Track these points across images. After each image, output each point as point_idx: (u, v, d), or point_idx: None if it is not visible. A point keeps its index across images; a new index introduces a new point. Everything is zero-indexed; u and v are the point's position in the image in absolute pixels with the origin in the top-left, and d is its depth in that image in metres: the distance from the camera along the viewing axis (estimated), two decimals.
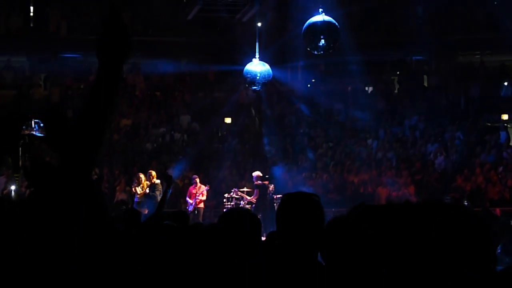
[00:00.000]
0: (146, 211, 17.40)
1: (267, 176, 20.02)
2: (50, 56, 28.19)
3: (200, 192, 19.64)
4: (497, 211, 19.40)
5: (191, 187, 20.02)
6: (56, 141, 2.84)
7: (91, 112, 2.73)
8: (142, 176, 18.77)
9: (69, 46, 27.88)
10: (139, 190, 18.43)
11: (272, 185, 19.90)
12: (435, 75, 29.54)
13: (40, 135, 21.73)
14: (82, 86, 27.31)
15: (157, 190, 18.05)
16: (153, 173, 18.70)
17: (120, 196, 21.65)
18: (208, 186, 20.16)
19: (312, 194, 3.50)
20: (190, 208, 19.36)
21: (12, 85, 27.57)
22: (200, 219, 19.09)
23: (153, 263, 4.19)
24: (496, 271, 2.38)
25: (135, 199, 18.53)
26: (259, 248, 4.08)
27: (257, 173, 19.87)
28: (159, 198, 18.06)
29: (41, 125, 20.92)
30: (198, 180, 20.00)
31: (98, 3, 26.38)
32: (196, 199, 19.50)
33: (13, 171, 22.83)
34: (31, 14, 28.87)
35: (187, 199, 19.82)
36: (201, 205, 19.65)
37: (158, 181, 18.24)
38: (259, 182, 19.64)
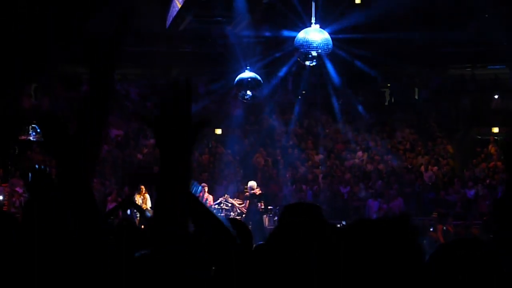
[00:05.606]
0: None
1: (256, 188, 19.68)
2: (43, 65, 28.09)
3: (208, 201, 19.52)
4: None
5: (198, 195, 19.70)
6: (52, 147, 2.81)
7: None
8: (142, 187, 18.89)
9: (59, 57, 27.78)
10: (139, 199, 18.46)
11: (261, 203, 19.49)
12: (426, 87, 29.58)
13: (35, 140, 21.70)
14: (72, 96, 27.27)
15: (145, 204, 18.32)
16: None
17: (112, 206, 21.54)
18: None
19: (313, 205, 3.45)
20: None
21: (2, 94, 27.43)
22: None
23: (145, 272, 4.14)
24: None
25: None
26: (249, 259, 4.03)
27: (250, 184, 19.68)
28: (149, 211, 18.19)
29: (38, 130, 20.92)
30: (206, 189, 19.70)
31: (89, 14, 26.34)
32: None
33: (1, 181, 22.78)
34: None
35: None
36: None
37: (147, 196, 18.42)
38: (249, 192, 19.49)
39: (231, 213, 19.72)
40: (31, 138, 21.77)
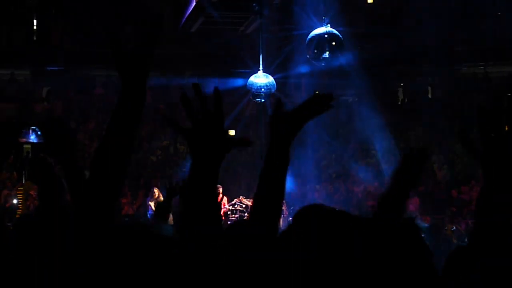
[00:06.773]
0: None
1: None
2: (53, 69, 28.18)
3: (223, 202, 19.52)
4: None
5: None
6: (55, 149, 2.78)
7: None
8: (156, 190, 18.80)
9: (72, 60, 27.86)
10: (153, 205, 18.43)
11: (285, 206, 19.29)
12: (439, 86, 29.48)
13: (36, 141, 21.62)
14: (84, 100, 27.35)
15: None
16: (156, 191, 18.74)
17: (127, 209, 21.55)
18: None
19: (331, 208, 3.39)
20: None
21: (15, 98, 27.54)
22: None
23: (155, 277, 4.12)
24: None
25: (150, 211, 18.50)
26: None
27: None
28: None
29: (39, 133, 20.81)
30: (221, 190, 19.57)
31: (101, 16, 26.39)
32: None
33: (14, 185, 22.83)
34: (34, 27, 28.88)
35: None
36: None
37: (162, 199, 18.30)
38: None
39: (246, 214, 19.68)
40: (32, 140, 21.67)
